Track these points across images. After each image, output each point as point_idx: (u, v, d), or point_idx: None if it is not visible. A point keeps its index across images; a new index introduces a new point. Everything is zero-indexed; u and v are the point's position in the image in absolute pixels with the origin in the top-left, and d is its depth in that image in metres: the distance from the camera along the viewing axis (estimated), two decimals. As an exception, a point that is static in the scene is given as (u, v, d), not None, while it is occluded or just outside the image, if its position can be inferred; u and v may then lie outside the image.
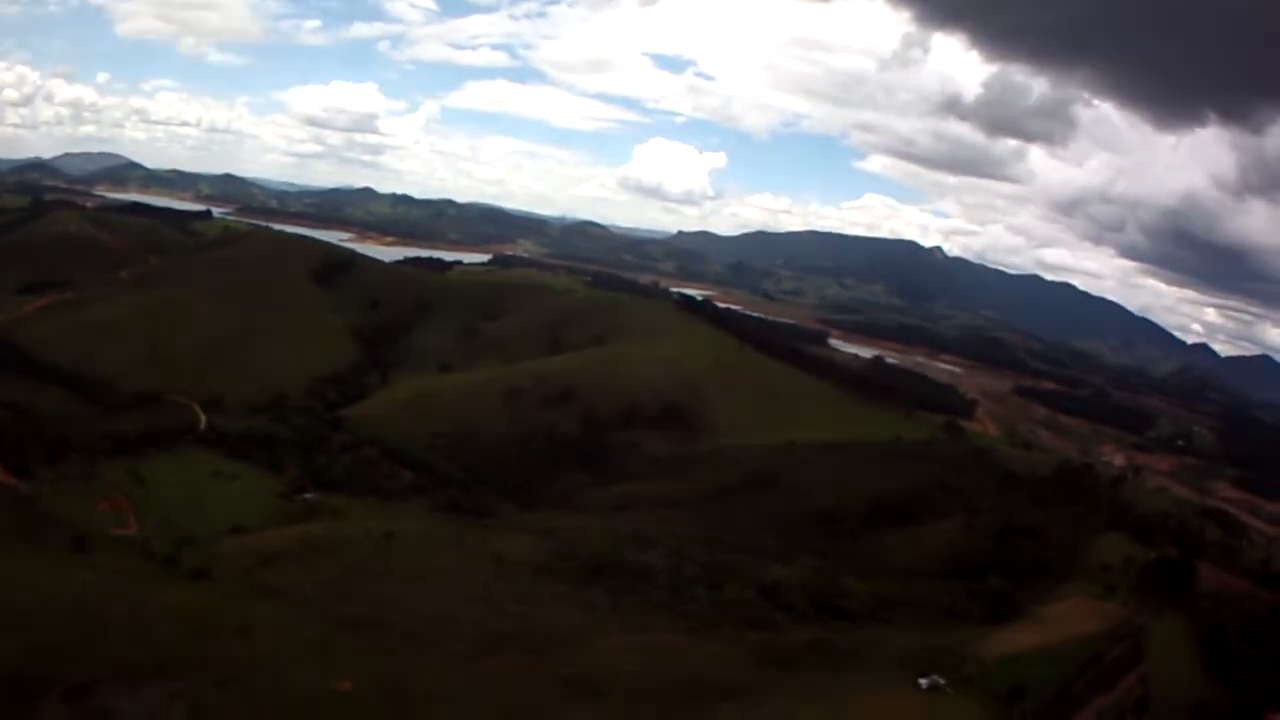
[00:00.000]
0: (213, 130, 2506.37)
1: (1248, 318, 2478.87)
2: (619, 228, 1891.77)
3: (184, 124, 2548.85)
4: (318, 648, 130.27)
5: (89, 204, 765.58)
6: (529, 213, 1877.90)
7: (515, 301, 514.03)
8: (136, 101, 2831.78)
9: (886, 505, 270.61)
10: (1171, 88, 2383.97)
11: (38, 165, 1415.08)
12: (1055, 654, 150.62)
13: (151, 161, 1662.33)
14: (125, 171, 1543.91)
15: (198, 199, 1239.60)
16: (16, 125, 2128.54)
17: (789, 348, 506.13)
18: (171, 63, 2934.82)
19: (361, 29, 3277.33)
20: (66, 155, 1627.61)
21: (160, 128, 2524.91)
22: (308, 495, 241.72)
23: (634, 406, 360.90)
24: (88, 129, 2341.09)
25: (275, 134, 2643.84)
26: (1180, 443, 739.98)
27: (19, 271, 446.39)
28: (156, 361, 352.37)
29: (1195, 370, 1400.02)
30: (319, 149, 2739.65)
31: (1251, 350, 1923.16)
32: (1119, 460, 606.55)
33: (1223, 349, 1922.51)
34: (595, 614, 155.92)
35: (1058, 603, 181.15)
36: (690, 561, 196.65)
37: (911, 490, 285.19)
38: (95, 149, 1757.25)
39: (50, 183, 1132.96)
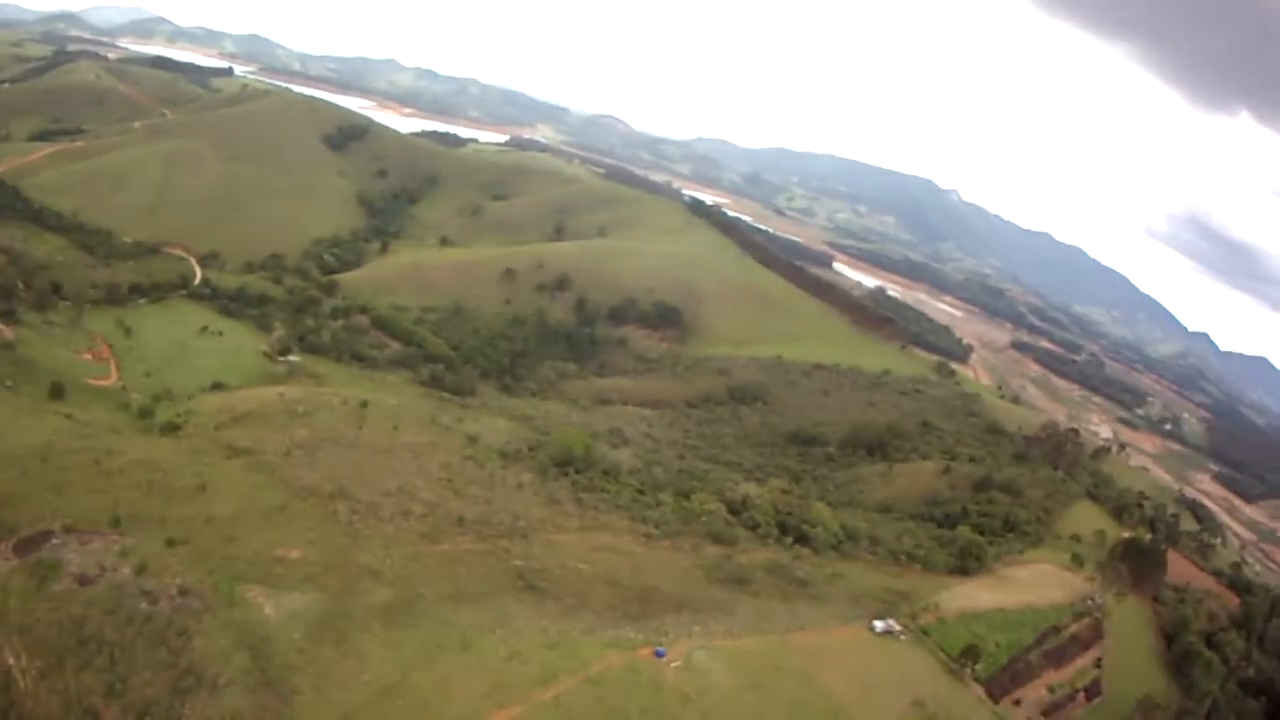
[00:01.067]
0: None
1: (1254, 317, 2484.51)
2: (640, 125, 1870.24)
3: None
4: (273, 513, 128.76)
5: (112, 55, 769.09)
6: (551, 101, 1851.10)
7: (524, 184, 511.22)
8: None
9: (867, 436, 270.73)
10: (1210, 76, 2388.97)
11: (66, 16, 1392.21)
12: (1015, 619, 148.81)
13: (180, 17, 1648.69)
14: (153, 25, 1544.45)
15: (222, 56, 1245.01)
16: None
17: (791, 264, 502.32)
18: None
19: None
20: (96, 7, 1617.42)
21: None
22: (292, 357, 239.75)
23: (628, 302, 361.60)
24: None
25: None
26: (1168, 426, 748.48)
27: (33, 119, 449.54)
28: (158, 214, 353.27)
29: (1193, 357, 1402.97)
30: (349, 12, 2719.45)
31: (1252, 350, 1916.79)
32: (1105, 432, 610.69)
33: (1223, 342, 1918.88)
34: (557, 508, 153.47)
35: (1024, 565, 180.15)
36: (661, 466, 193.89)
37: (894, 425, 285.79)
38: (124, 2, 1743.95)
39: (76, 33, 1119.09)
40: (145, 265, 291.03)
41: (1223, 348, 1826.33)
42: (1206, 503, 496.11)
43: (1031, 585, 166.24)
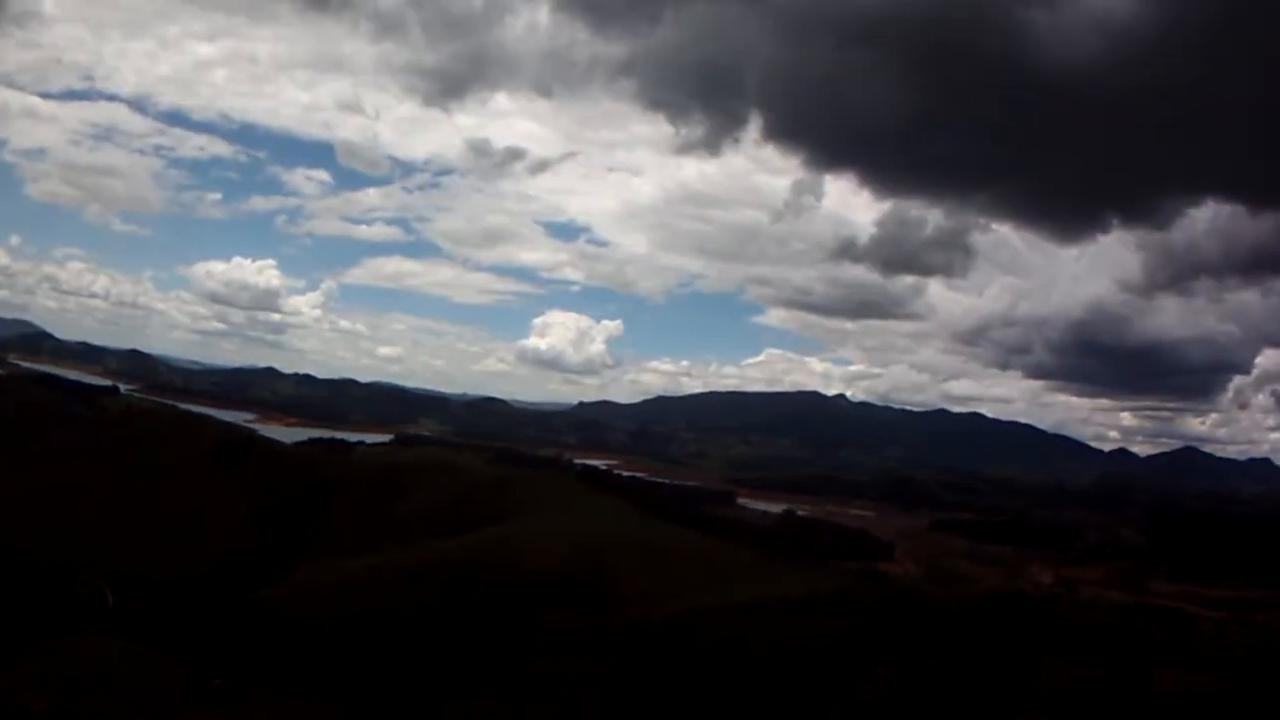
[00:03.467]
0: (120, 304, 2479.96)
1: (1165, 414, 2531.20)
2: (520, 402, 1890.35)
3: (93, 295, 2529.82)
4: None
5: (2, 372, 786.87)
6: (430, 390, 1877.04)
7: (417, 481, 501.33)
8: (48, 268, 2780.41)
9: (810, 664, 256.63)
10: (1070, 199, 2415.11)
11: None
12: None
13: (63, 332, 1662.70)
14: (38, 341, 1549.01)
15: (106, 374, 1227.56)
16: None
17: (692, 512, 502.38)
18: (80, 231, 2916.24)
19: (260, 202, 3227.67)
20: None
21: (71, 298, 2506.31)
22: (216, 682, 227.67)
23: (538, 584, 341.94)
24: (1, 293, 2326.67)
25: (180, 310, 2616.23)
26: (1109, 550, 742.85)
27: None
28: (62, 539, 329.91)
29: (1116, 476, 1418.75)
30: (223, 327, 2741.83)
31: (1173, 445, 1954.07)
32: (1048, 579, 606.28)
33: (1142, 449, 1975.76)
34: None
35: None
36: None
37: (834, 645, 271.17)
38: (9, 315, 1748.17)
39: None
40: (55, 592, 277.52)
41: (1143, 455, 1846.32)
42: (1171, 604, 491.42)
43: None
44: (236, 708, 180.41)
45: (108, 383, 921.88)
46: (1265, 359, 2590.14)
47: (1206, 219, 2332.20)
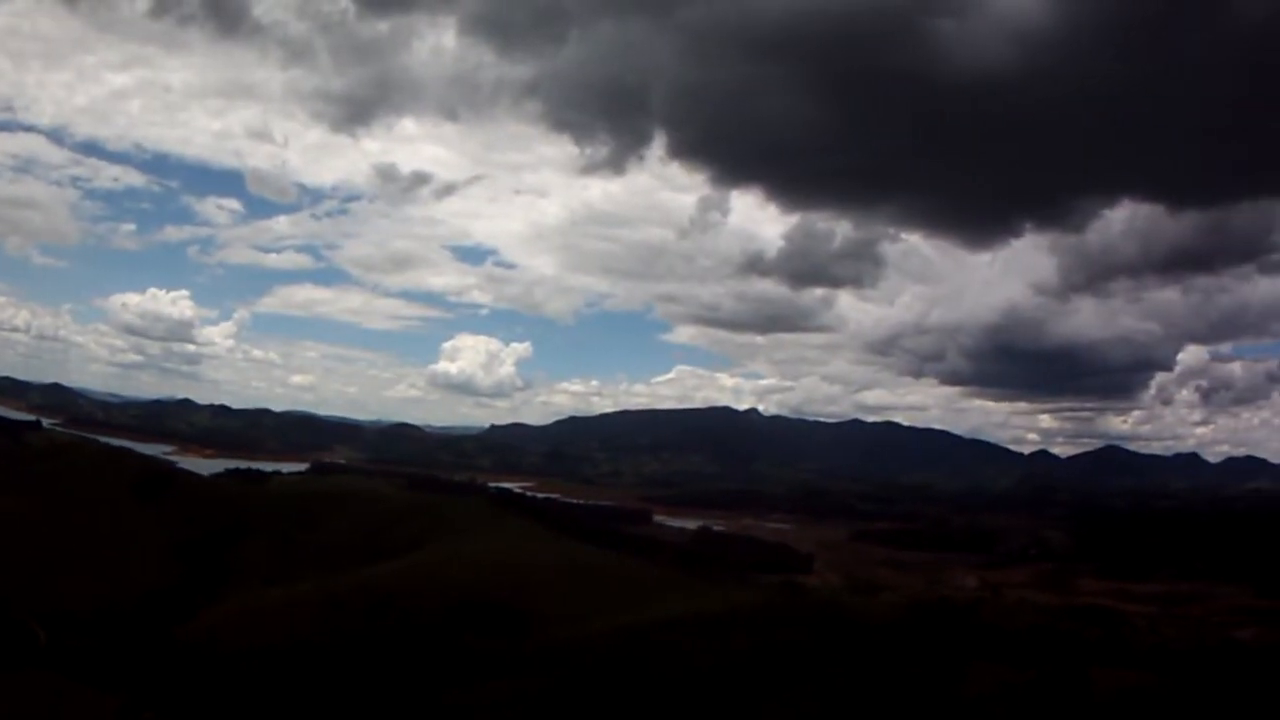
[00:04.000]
0: (41, 337, 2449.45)
1: (1085, 414, 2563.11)
2: (433, 427, 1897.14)
3: (14, 329, 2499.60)
4: None
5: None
6: (344, 418, 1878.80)
7: (333, 510, 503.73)
8: None
9: (732, 681, 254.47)
10: (980, 206, 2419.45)
11: None
12: None
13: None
14: None
15: (30, 408, 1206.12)
16: None
17: (608, 531, 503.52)
18: (1, 263, 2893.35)
19: (173, 232, 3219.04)
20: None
21: None
22: (147, 717, 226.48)
23: (457, 609, 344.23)
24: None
25: (98, 343, 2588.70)
26: (1032, 551, 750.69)
27: None
28: None
29: (1037, 478, 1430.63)
30: (140, 359, 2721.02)
31: (1095, 444, 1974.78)
32: (971, 583, 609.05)
33: (1063, 450, 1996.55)
34: None
35: None
36: None
37: (756, 660, 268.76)
38: None
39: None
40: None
41: (1064, 455, 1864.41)
42: (1101, 602, 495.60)
43: None
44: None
45: (31, 417, 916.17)
46: (1188, 355, 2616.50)
47: (1123, 220, 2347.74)
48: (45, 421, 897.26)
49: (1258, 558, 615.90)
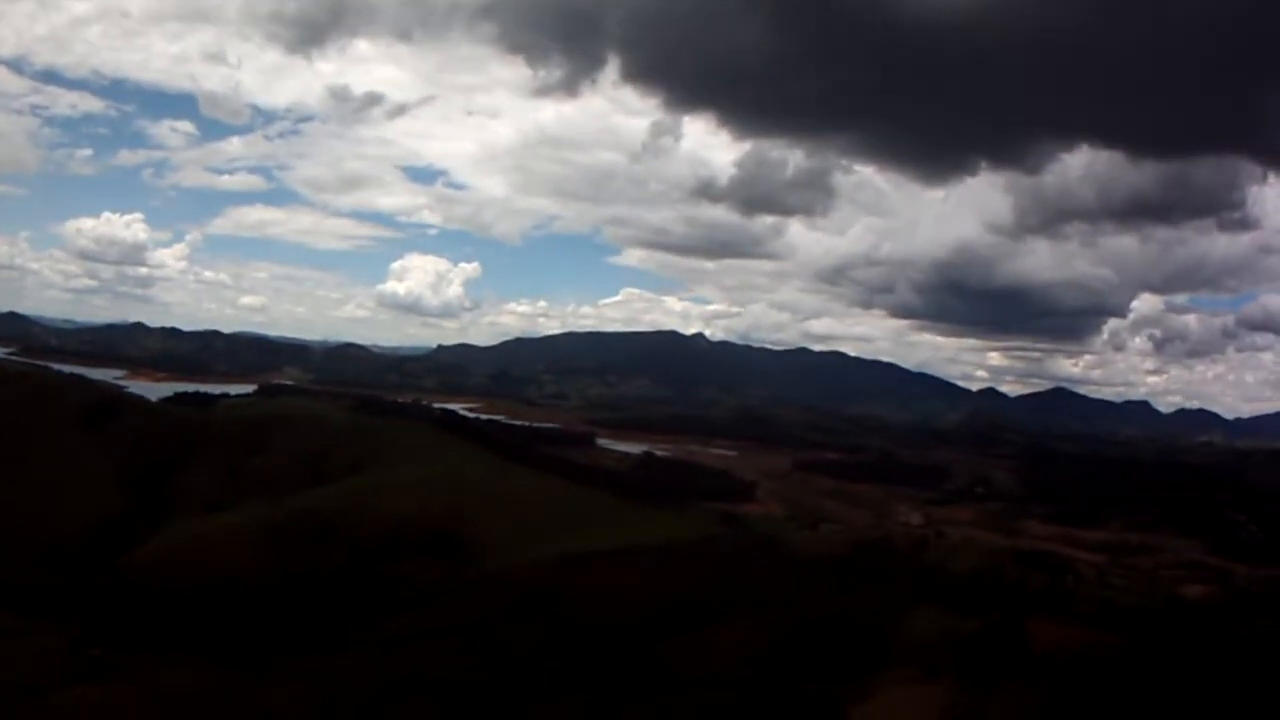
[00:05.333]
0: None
1: (1036, 355, 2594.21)
2: (380, 347, 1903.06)
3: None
4: None
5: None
6: (293, 338, 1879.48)
7: (277, 434, 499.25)
8: None
9: (668, 612, 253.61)
10: (936, 142, 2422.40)
11: None
12: None
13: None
14: None
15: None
16: None
17: (551, 456, 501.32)
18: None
19: (128, 156, 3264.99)
20: None
21: None
22: (95, 651, 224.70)
23: (397, 534, 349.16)
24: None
25: (53, 269, 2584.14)
26: (979, 489, 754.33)
27: None
28: None
29: (985, 416, 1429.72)
30: (93, 283, 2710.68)
31: (1044, 385, 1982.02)
32: (916, 519, 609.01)
33: (1012, 389, 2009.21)
34: None
35: (875, 698, 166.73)
36: (455, 713, 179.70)
37: (692, 592, 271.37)
38: None
39: None
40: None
41: (1013, 395, 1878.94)
42: (1046, 547, 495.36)
43: (892, 716, 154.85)
44: (117, 677, 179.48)
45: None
46: (1142, 303, 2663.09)
47: (1082, 164, 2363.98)
48: (0, 351, 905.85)
49: (1210, 513, 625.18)
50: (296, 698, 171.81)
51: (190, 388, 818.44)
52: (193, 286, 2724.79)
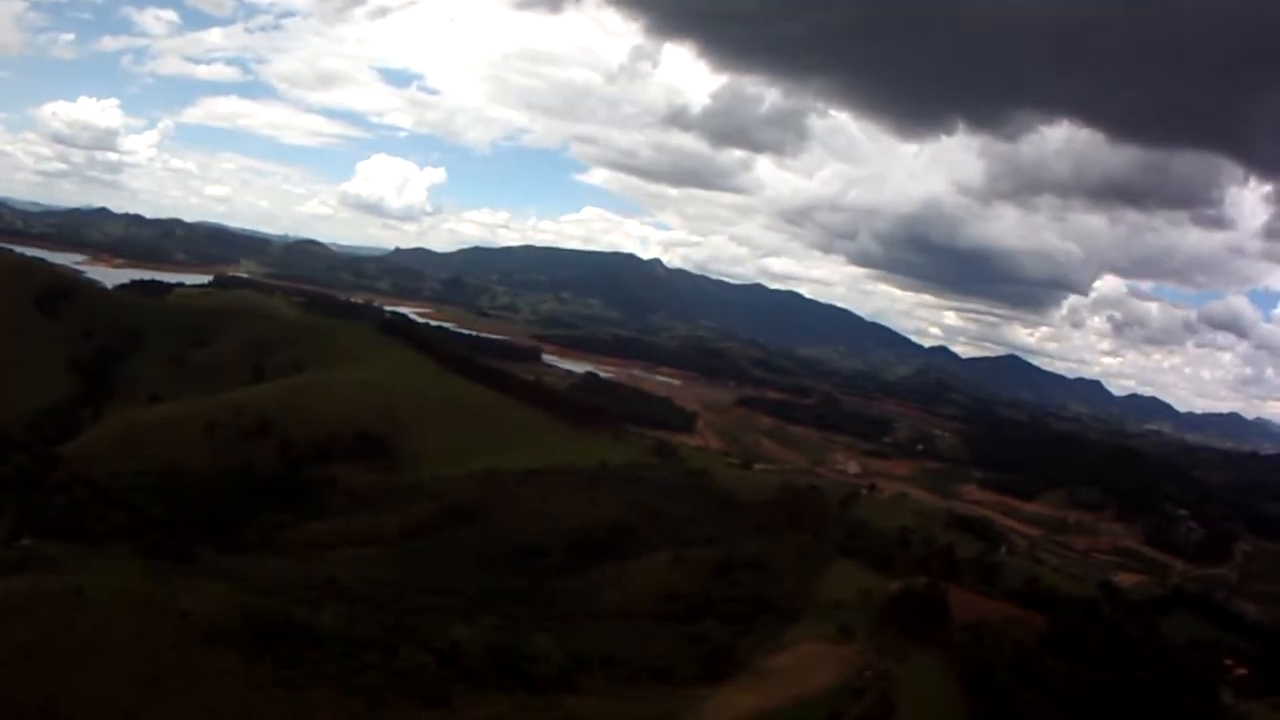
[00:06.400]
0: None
1: (992, 319, 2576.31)
2: (339, 246, 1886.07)
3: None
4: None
5: None
6: (253, 231, 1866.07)
7: (224, 326, 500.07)
8: None
9: (592, 539, 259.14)
10: (916, 96, 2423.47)
11: None
12: (785, 718, 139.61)
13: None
14: None
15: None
16: None
17: (491, 370, 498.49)
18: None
19: (109, 42, 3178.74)
20: None
21: None
22: (25, 541, 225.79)
23: (331, 438, 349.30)
24: None
25: (25, 151, 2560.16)
26: (920, 447, 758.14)
27: None
28: None
29: (933, 373, 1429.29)
30: (64, 167, 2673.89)
31: (998, 351, 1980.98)
32: (853, 468, 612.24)
33: (964, 350, 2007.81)
34: (258, 695, 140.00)
35: (783, 651, 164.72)
36: (366, 621, 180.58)
37: (619, 521, 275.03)
38: None
39: None
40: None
41: (964, 356, 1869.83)
42: (981, 513, 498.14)
43: (797, 673, 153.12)
44: (43, 569, 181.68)
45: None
46: (1104, 284, 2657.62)
47: (1060, 139, 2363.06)
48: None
49: (1152, 503, 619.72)
50: (216, 599, 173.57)
51: (147, 275, 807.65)
52: (160, 174, 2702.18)
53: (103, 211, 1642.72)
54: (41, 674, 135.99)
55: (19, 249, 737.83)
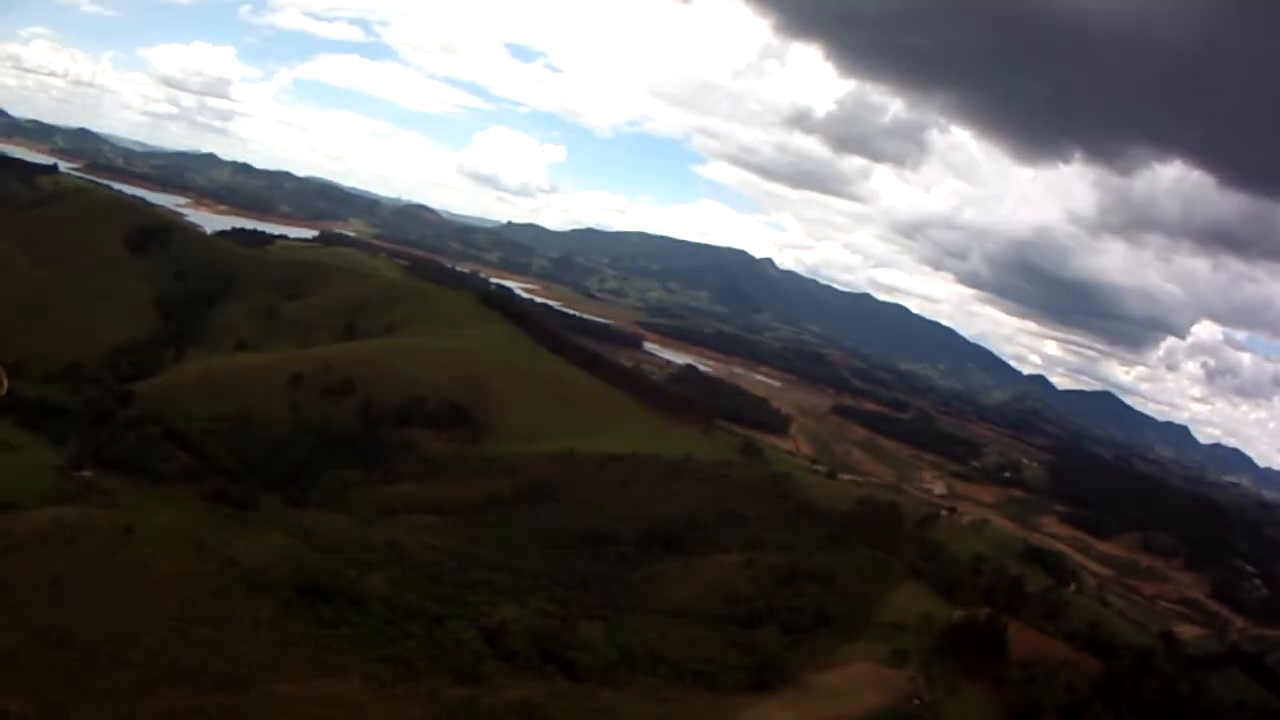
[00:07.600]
0: (78, 83, 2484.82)
1: (1091, 354, 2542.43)
2: (451, 214, 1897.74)
3: (52, 74, 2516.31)
4: (4, 658, 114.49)
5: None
6: (365, 191, 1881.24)
7: (320, 282, 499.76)
8: (12, 48, 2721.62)
9: (663, 531, 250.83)
10: (1037, 122, 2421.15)
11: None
12: None
13: (18, 110, 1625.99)
14: None
15: (53, 152, 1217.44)
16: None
17: (585, 351, 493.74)
18: (48, 9, 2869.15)
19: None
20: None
21: (30, 76, 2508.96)
22: (85, 473, 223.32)
23: (414, 402, 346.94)
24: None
25: (134, 91, 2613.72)
26: (1007, 474, 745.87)
27: None
28: None
29: (1029, 400, 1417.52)
30: (173, 110, 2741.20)
31: (1094, 385, 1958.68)
32: (938, 488, 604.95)
33: (1061, 382, 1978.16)
34: (290, 650, 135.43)
35: (834, 669, 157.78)
36: (417, 589, 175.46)
37: (693, 516, 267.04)
38: None
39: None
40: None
41: (1061, 387, 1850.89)
42: (1057, 547, 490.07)
43: (843, 693, 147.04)
44: (98, 502, 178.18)
45: (50, 160, 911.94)
46: (1202, 329, 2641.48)
47: (1172, 178, 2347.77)
48: (64, 165, 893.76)
49: (1222, 556, 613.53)
50: (270, 550, 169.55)
51: (250, 225, 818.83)
52: (273, 126, 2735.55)
53: (210, 157, 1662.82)
54: (66, 605, 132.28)
55: (117, 186, 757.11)
